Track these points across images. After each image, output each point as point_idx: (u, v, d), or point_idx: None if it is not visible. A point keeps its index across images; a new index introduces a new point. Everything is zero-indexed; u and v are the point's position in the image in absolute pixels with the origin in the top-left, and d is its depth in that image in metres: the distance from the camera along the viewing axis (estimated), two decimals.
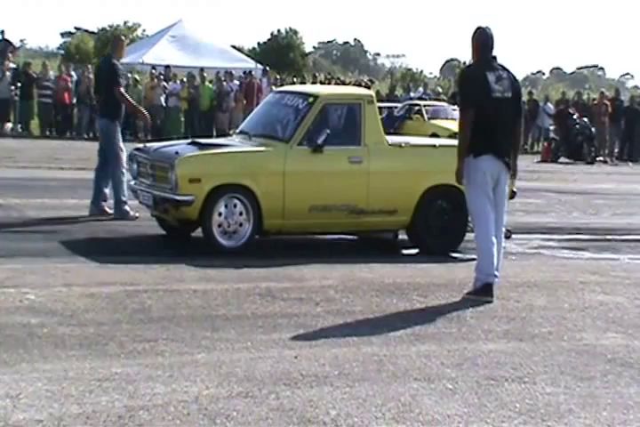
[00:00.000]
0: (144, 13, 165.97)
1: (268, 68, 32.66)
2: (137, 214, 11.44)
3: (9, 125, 26.56)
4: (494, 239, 7.97)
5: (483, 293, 7.95)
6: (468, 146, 7.97)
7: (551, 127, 29.24)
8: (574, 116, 27.89)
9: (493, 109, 7.97)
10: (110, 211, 11.68)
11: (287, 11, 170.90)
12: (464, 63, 10.35)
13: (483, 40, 8.14)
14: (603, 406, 5.46)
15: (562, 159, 27.54)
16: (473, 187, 8.01)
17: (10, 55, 27.94)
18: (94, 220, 11.36)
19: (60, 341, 6.13)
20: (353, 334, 6.68)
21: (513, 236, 10.80)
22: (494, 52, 8.18)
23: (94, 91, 15.02)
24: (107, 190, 11.74)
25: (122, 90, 11.88)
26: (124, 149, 11.75)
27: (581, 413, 5.32)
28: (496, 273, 8.02)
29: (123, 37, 13.11)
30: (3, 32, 31.52)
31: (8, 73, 26.10)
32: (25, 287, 7.51)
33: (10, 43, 30.95)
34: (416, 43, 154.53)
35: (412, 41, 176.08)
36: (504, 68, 8.18)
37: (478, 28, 8.17)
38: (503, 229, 8.28)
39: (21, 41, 58.93)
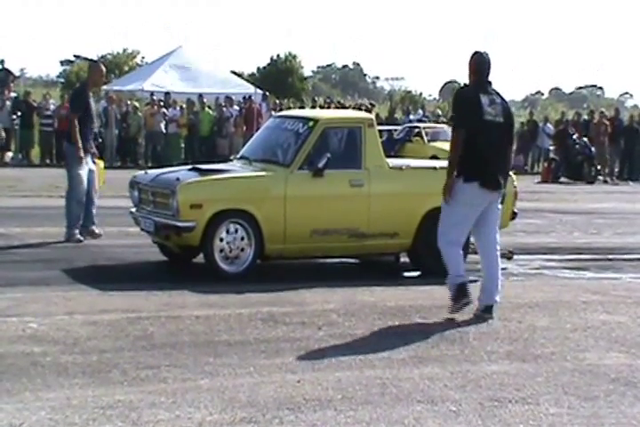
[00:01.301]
0: (143, 40, 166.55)
1: (267, 93, 32.73)
2: (81, 238, 11.65)
3: (9, 154, 26.63)
4: (460, 243, 8.15)
5: (459, 295, 7.97)
6: (459, 168, 8.02)
7: (551, 147, 29.30)
8: (574, 136, 27.95)
9: (484, 131, 8.03)
10: (98, 231, 11.89)
11: (286, 35, 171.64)
12: (465, 85, 10.40)
13: (479, 64, 8.23)
14: (607, 426, 5.45)
15: (562, 179, 27.57)
16: (460, 204, 8.02)
17: (10, 84, 28.05)
18: (95, 247, 11.37)
19: (62, 369, 6.13)
20: (355, 357, 6.67)
21: (514, 257, 10.81)
22: (490, 77, 8.27)
23: None
24: (94, 211, 11.91)
25: (74, 118, 11.80)
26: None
27: None
28: (497, 299, 8.12)
29: (100, 64, 12.64)
30: (3, 61, 31.61)
31: (8, 102, 26.21)
32: (27, 316, 7.52)
33: (10, 72, 31.03)
34: (415, 65, 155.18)
35: (411, 64, 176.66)
36: (498, 94, 8.26)
37: (475, 53, 8.27)
38: (498, 248, 8.29)
39: (21, 70, 59.00)
